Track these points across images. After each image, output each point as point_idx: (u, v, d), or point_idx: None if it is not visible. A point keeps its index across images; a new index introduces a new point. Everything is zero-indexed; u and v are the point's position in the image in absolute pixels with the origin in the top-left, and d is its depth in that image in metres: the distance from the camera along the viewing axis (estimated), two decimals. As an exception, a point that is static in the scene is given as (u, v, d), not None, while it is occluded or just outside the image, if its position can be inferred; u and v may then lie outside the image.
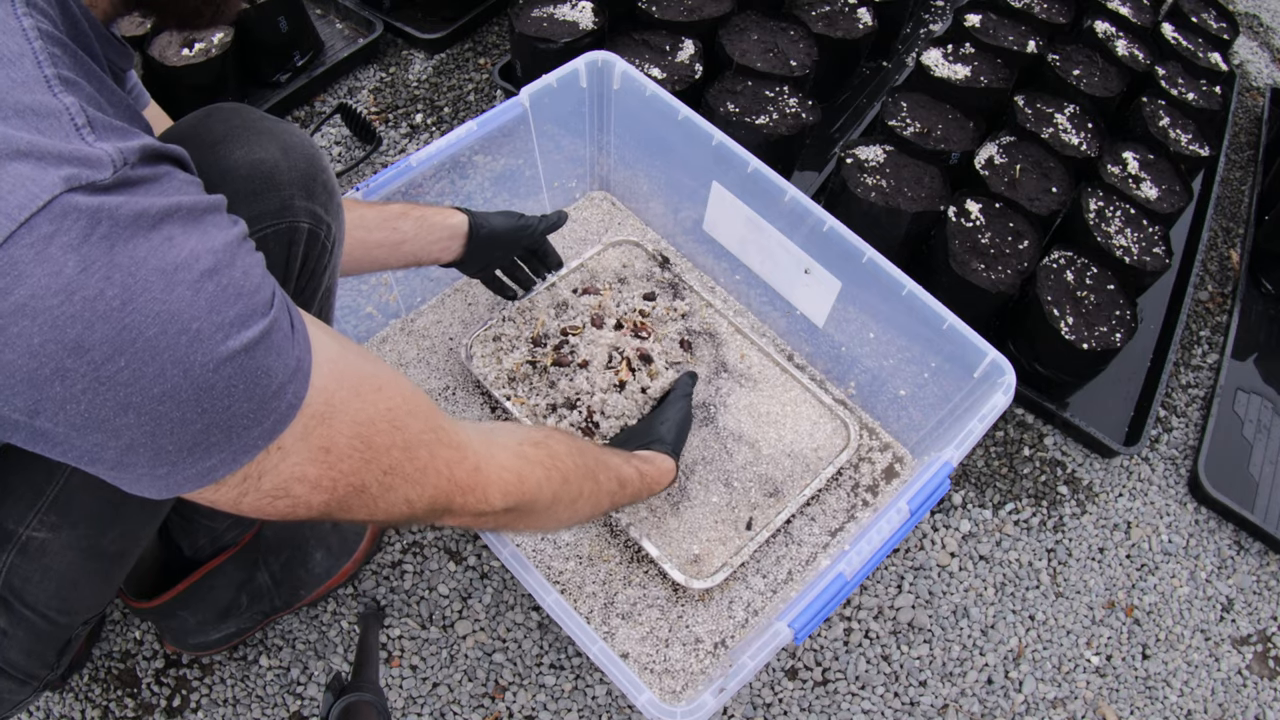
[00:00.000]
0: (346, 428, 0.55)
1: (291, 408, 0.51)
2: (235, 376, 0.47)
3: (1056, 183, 1.49)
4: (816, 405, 1.27)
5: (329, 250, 0.73)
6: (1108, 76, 1.71)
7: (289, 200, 0.67)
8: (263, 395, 0.49)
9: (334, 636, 1.12)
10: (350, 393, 0.55)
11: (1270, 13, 2.33)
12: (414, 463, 0.60)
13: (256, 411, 0.49)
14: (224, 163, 0.66)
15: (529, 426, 0.80)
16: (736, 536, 1.14)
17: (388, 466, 0.58)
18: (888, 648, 1.17)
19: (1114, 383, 1.46)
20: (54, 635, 0.80)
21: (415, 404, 0.61)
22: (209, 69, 1.48)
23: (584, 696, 1.10)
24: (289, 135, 0.69)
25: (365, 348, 0.64)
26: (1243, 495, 1.36)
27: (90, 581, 0.77)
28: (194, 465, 0.49)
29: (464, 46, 1.82)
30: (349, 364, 0.57)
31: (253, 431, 0.49)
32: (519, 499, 0.71)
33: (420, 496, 0.62)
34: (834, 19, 1.71)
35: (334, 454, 0.55)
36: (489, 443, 0.69)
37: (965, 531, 1.28)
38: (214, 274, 0.46)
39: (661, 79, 1.51)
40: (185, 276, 0.45)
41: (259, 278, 0.49)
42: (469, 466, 0.65)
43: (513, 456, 0.71)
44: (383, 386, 0.58)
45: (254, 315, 0.48)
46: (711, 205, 1.29)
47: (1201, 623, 1.26)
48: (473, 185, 1.28)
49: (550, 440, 0.78)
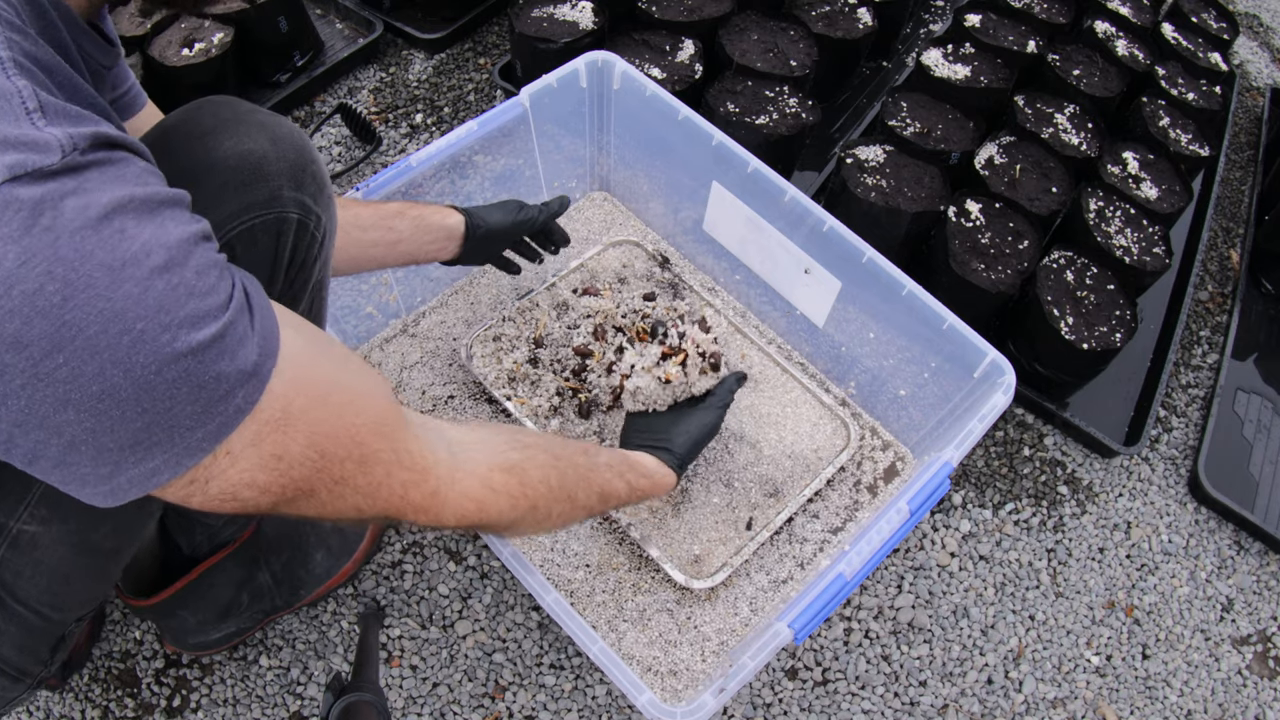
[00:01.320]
0: (302, 436, 0.54)
1: (240, 411, 0.49)
2: (180, 379, 0.46)
3: (1056, 183, 1.49)
4: (817, 405, 1.27)
5: (319, 241, 0.73)
6: (1108, 76, 1.71)
7: (277, 191, 0.67)
8: (209, 398, 0.47)
9: (334, 636, 1.12)
10: (312, 401, 0.54)
11: (1270, 13, 2.33)
12: (368, 478, 0.59)
13: (201, 414, 0.48)
14: (213, 153, 0.65)
15: (511, 440, 0.75)
16: (737, 537, 1.14)
17: (340, 477, 0.57)
18: (888, 648, 1.17)
19: (1114, 383, 1.46)
20: (47, 631, 0.80)
21: (381, 420, 0.60)
22: (209, 69, 1.48)
23: (584, 696, 1.10)
24: (278, 127, 0.69)
25: (351, 352, 0.62)
26: (1243, 495, 1.36)
27: (83, 577, 0.76)
28: (136, 466, 0.48)
29: (464, 46, 1.82)
30: (318, 371, 0.55)
31: (196, 433, 0.48)
32: (476, 524, 0.70)
33: (371, 507, 0.61)
34: (834, 19, 1.71)
35: (286, 461, 0.54)
36: (455, 467, 0.67)
37: (965, 531, 1.28)
38: (165, 271, 0.45)
39: (661, 79, 1.51)
40: (133, 273, 0.44)
41: (215, 278, 0.48)
42: (426, 490, 0.64)
43: (478, 484, 0.68)
44: (349, 400, 0.57)
45: (206, 317, 0.46)
46: (711, 205, 1.29)
47: (1201, 623, 1.26)
48: (473, 185, 1.28)
49: (527, 464, 0.74)
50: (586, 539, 1.14)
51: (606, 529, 1.15)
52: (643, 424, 1.08)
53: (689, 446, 1.04)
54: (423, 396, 1.25)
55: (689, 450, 1.04)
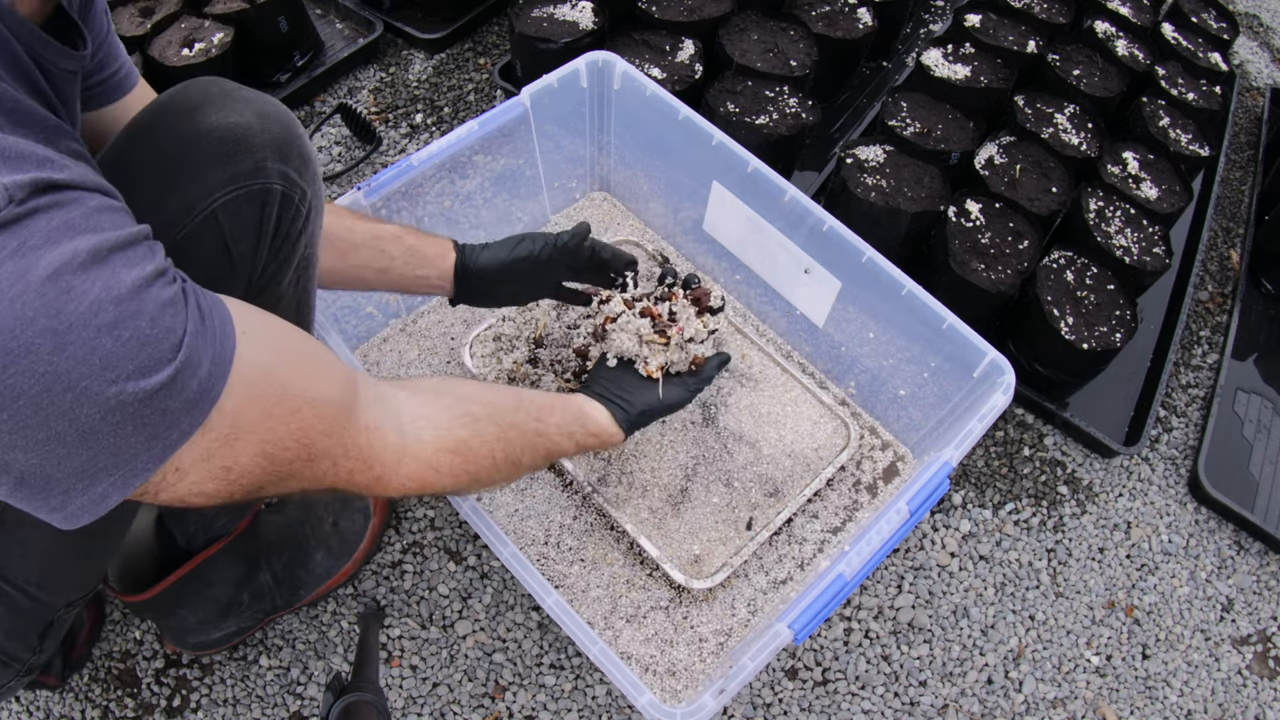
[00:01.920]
0: (252, 448, 0.55)
1: (184, 435, 0.51)
2: (125, 421, 0.47)
3: (1056, 183, 1.49)
4: (816, 405, 1.27)
5: (304, 215, 0.73)
6: (1108, 76, 1.71)
7: (262, 162, 0.68)
8: (153, 431, 0.49)
9: (334, 636, 1.12)
10: (263, 413, 0.55)
11: (1270, 13, 2.33)
12: (313, 469, 0.61)
13: (147, 443, 0.49)
14: (199, 127, 0.66)
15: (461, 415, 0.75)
16: (737, 536, 1.14)
17: (288, 474, 0.59)
18: (888, 648, 1.17)
19: (1114, 383, 1.46)
20: (36, 614, 0.80)
21: (331, 419, 0.61)
22: (209, 69, 1.48)
23: (584, 697, 1.10)
24: (264, 103, 0.70)
25: (309, 341, 0.64)
26: (1243, 495, 1.36)
27: (70, 558, 0.77)
28: (85, 493, 0.49)
29: (464, 46, 1.82)
30: (274, 382, 0.56)
31: (141, 458, 0.49)
32: (415, 494, 0.73)
33: (316, 488, 0.63)
34: (834, 19, 1.71)
35: (235, 471, 0.55)
36: (402, 451, 0.69)
37: (965, 531, 1.28)
38: (114, 328, 0.45)
39: (661, 79, 1.51)
40: (79, 335, 0.44)
41: (170, 318, 0.48)
42: (372, 475, 0.67)
43: (423, 466, 0.71)
44: (300, 406, 0.58)
45: (157, 364, 0.47)
46: (711, 205, 1.29)
47: (1201, 623, 1.26)
48: (473, 185, 1.28)
49: (474, 440, 0.76)
50: (581, 534, 1.14)
51: (601, 523, 1.15)
52: (610, 373, 1.02)
53: (644, 410, 0.97)
54: (423, 396, 1.25)
55: (642, 414, 0.97)
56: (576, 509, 1.16)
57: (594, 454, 1.19)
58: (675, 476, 1.18)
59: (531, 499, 1.17)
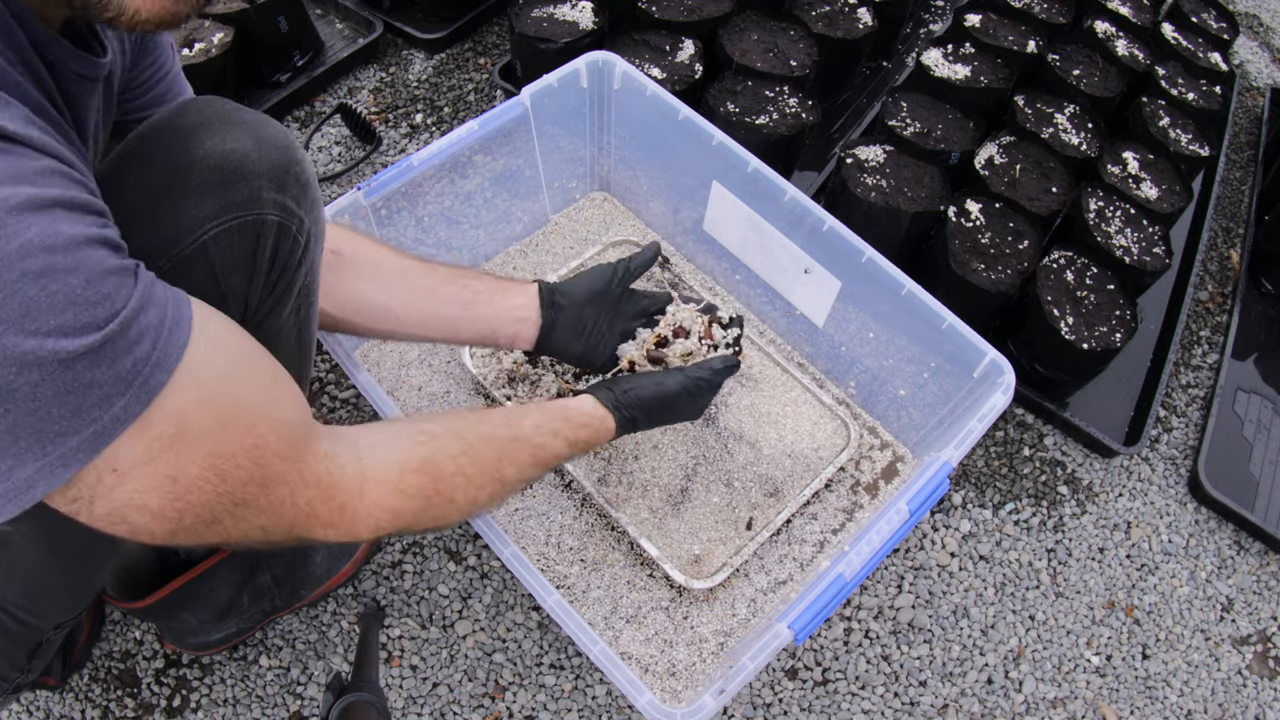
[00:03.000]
0: (200, 458, 0.52)
1: (118, 422, 0.48)
2: (44, 382, 0.44)
3: (1056, 183, 1.49)
4: (816, 405, 1.27)
5: (302, 245, 0.71)
6: (1108, 76, 1.71)
7: (257, 192, 0.65)
8: (78, 404, 0.46)
9: (334, 636, 1.12)
10: (214, 421, 0.52)
11: (1270, 13, 2.33)
12: (270, 498, 0.58)
13: (71, 419, 0.46)
14: (195, 151, 0.64)
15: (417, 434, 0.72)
16: (737, 536, 1.14)
17: (242, 499, 0.56)
18: (888, 648, 1.17)
19: (1114, 383, 1.46)
20: (24, 636, 0.79)
21: (287, 441, 0.58)
22: (209, 69, 1.48)
23: (584, 696, 1.10)
24: (263, 127, 0.68)
25: (275, 368, 0.61)
26: (1243, 495, 1.36)
27: (56, 581, 0.75)
28: (8, 477, 0.46)
29: (464, 46, 1.82)
30: (229, 391, 0.54)
31: (69, 441, 0.46)
32: (391, 530, 0.68)
33: (276, 526, 0.59)
34: (834, 19, 1.71)
35: (182, 484, 0.52)
36: (364, 477, 0.65)
37: (965, 531, 1.28)
38: (40, 277, 0.43)
39: (661, 79, 1.51)
40: (2, 277, 0.42)
41: (107, 288, 0.46)
42: (334, 505, 0.63)
43: (389, 491, 0.66)
44: (254, 422, 0.55)
45: (86, 327, 0.45)
46: (711, 205, 1.29)
47: (1201, 623, 1.26)
48: (473, 185, 1.28)
49: (438, 456, 0.71)
50: (582, 534, 1.14)
51: (602, 524, 1.15)
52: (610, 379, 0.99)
53: (629, 387, 0.93)
54: (419, 393, 1.25)
55: (632, 397, 0.92)
56: (577, 509, 1.16)
57: (594, 454, 1.19)
58: (675, 476, 1.18)
59: (532, 499, 1.17)
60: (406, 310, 0.92)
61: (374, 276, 0.91)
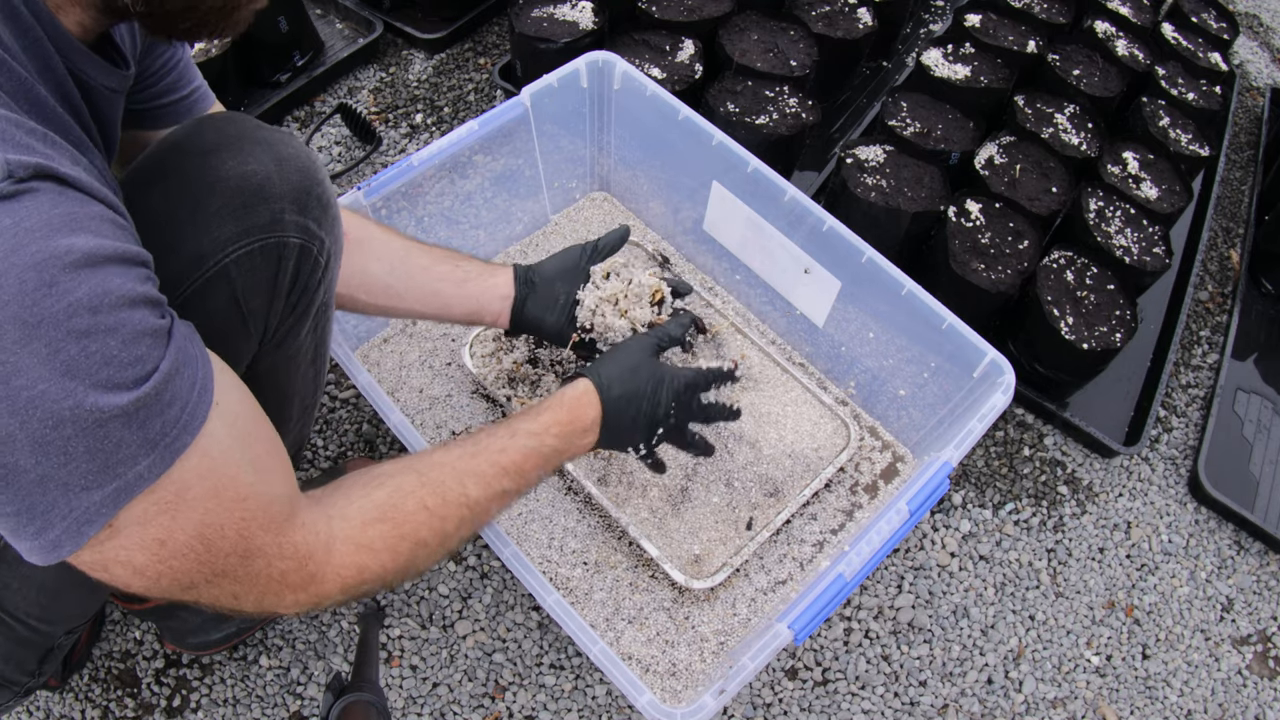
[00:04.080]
0: (190, 525, 0.52)
1: (141, 480, 0.48)
2: (76, 437, 0.45)
3: (1056, 183, 1.49)
4: (816, 405, 1.27)
5: (323, 266, 0.71)
6: (1108, 76, 1.71)
7: (279, 214, 0.65)
8: (106, 461, 0.47)
9: (334, 636, 1.12)
10: (209, 492, 0.53)
11: (1270, 13, 2.33)
12: (247, 569, 0.57)
13: (98, 474, 0.47)
14: (215, 172, 0.64)
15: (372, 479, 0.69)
16: (737, 536, 1.14)
17: (222, 570, 0.56)
18: (888, 648, 1.17)
19: (1114, 383, 1.46)
20: (35, 643, 0.79)
21: (273, 516, 0.58)
22: (209, 69, 1.48)
23: (584, 696, 1.10)
24: (284, 146, 0.67)
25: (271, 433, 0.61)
26: (1243, 495, 1.36)
27: (71, 590, 0.76)
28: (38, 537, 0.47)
29: (464, 46, 1.82)
30: (227, 463, 0.54)
31: (93, 495, 0.47)
32: (359, 588, 0.66)
33: (248, 594, 0.59)
34: (834, 19, 1.71)
35: (169, 549, 0.52)
36: (331, 537, 0.63)
37: (965, 531, 1.28)
38: (84, 337, 0.44)
39: (661, 79, 1.51)
40: (48, 333, 0.43)
41: (146, 348, 0.47)
42: (305, 574, 0.61)
43: (352, 549, 0.64)
44: (248, 497, 0.55)
45: (119, 387, 0.46)
46: (711, 205, 1.29)
47: (1201, 623, 1.26)
48: (473, 185, 1.28)
49: (396, 497, 0.68)
50: (585, 536, 1.14)
51: (604, 526, 1.15)
52: None
53: (605, 354, 0.93)
54: (420, 395, 1.25)
55: (603, 358, 0.91)
56: (580, 513, 1.16)
57: (594, 454, 1.19)
58: (675, 476, 1.18)
59: (535, 503, 1.16)
60: (407, 287, 0.94)
61: (379, 254, 0.93)
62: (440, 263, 0.97)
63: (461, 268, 0.98)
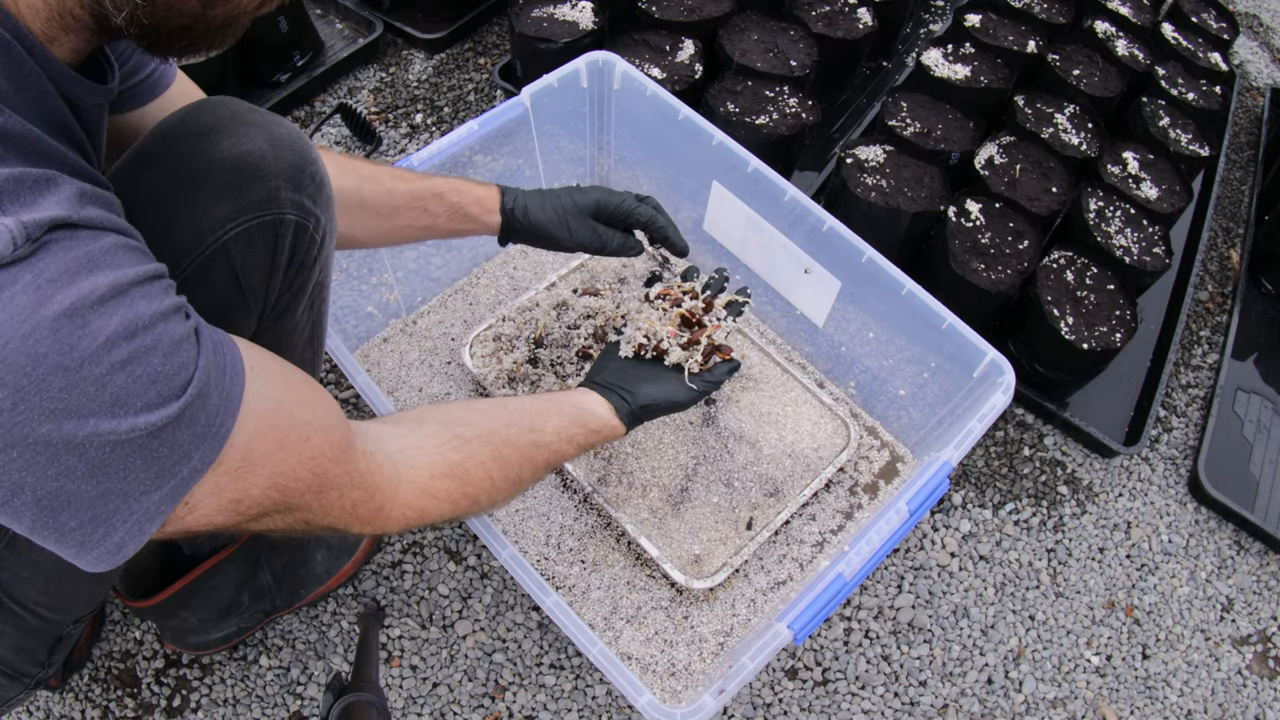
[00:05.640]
0: (263, 479, 0.55)
1: (195, 472, 0.50)
2: (134, 455, 0.47)
3: (1056, 183, 1.49)
4: (816, 405, 1.27)
5: (318, 243, 0.72)
6: (1108, 76, 1.71)
7: (275, 192, 0.66)
8: (162, 466, 0.48)
9: (334, 636, 1.12)
10: (274, 445, 0.55)
11: (1270, 13, 2.33)
12: (321, 502, 0.61)
13: (156, 479, 0.48)
14: (210, 154, 0.65)
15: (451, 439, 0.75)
16: (737, 536, 1.14)
17: (295, 505, 0.59)
18: (888, 648, 1.17)
19: (1114, 383, 1.46)
20: (44, 632, 0.80)
21: (338, 447, 0.61)
22: (209, 69, 1.48)
23: (584, 696, 1.10)
24: (277, 127, 0.68)
25: (307, 378, 0.63)
26: (1243, 495, 1.36)
27: (80, 579, 0.77)
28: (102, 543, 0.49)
29: (464, 46, 1.82)
30: (282, 415, 0.56)
31: (152, 496, 0.49)
32: (415, 525, 0.72)
33: (319, 522, 0.63)
34: (834, 19, 1.71)
35: (245, 503, 0.55)
36: (398, 480, 0.69)
37: (965, 531, 1.28)
38: (127, 365, 0.45)
39: (661, 79, 1.51)
40: (91, 371, 0.44)
41: (182, 357, 0.48)
42: (374, 506, 0.66)
43: (419, 494, 0.71)
44: (310, 435, 0.58)
45: (167, 399, 0.47)
46: (711, 205, 1.29)
47: (1201, 623, 1.26)
48: (473, 185, 1.27)
49: (469, 463, 0.75)
50: (583, 535, 1.14)
51: (602, 524, 1.15)
52: (616, 364, 1.01)
53: (647, 404, 0.96)
54: (420, 395, 1.25)
55: (644, 408, 0.96)
56: (577, 509, 1.16)
57: (594, 454, 1.19)
58: (675, 476, 1.18)
59: (532, 500, 1.17)
60: (367, 233, 0.94)
61: (372, 175, 0.93)
62: (426, 178, 0.97)
63: (446, 180, 0.98)
